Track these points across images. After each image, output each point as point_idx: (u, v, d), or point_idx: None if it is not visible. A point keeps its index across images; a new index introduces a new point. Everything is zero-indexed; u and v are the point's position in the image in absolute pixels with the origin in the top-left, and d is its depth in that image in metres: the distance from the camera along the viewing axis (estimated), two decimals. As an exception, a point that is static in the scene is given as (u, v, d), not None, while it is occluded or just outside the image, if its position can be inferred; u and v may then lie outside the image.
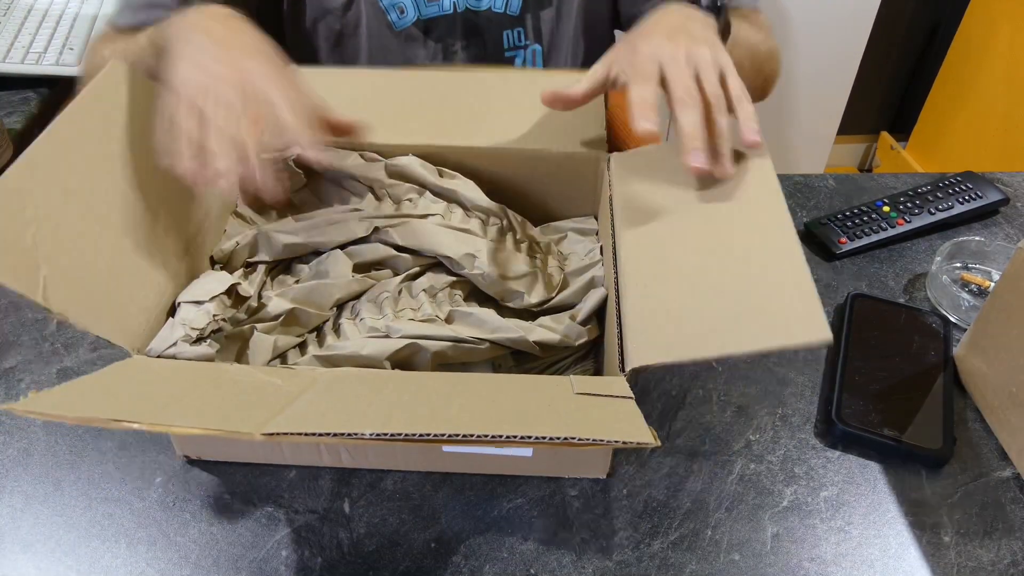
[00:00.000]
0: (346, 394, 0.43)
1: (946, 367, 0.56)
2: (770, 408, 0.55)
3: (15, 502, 0.49)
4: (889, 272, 0.66)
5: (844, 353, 0.57)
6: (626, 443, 0.36)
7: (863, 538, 0.48)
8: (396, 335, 0.50)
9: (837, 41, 1.70)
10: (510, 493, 0.50)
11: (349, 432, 0.36)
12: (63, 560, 0.46)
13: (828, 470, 0.52)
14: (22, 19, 0.97)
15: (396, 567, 0.46)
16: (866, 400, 0.54)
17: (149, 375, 0.44)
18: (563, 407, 0.41)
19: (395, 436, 0.35)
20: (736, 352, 0.41)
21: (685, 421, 0.54)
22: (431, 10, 0.74)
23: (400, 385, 0.44)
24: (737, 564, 0.47)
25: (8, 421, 0.53)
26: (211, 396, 0.42)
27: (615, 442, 0.36)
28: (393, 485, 0.50)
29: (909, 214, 0.70)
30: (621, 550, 0.47)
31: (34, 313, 0.61)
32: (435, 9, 0.74)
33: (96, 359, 0.57)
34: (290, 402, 0.40)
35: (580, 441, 0.35)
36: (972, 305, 0.60)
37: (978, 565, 0.46)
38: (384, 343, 0.49)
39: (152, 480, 0.50)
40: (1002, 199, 0.71)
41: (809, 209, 0.73)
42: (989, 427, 0.54)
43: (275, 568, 0.46)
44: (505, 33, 0.76)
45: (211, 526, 0.48)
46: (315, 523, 0.48)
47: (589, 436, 0.35)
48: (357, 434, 0.35)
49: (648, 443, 0.35)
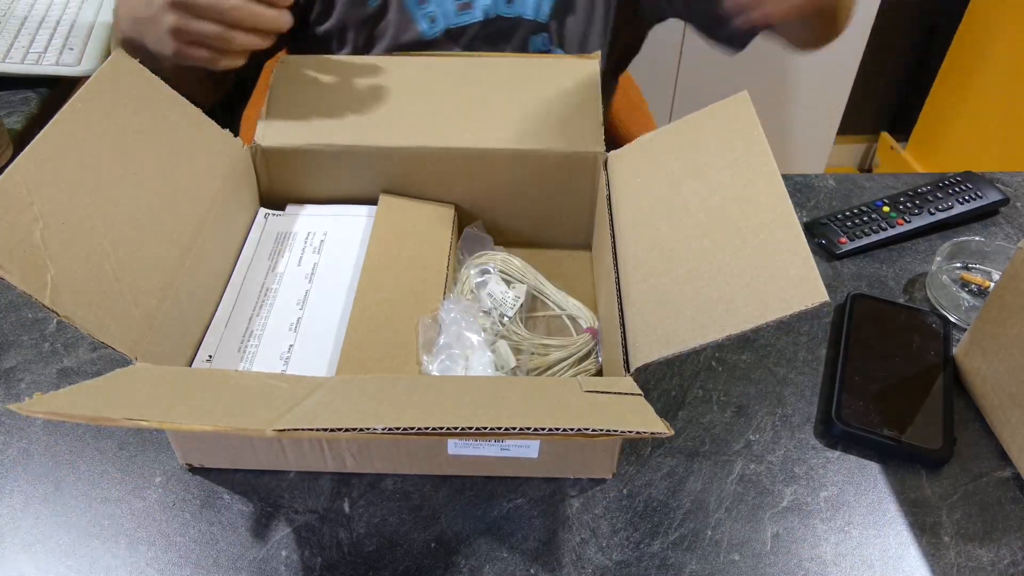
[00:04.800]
0: (354, 394, 0.43)
1: (946, 367, 0.56)
2: (770, 408, 0.55)
3: (15, 502, 0.49)
4: (889, 272, 0.66)
5: (844, 353, 0.57)
6: (639, 433, 0.35)
7: (863, 538, 0.48)
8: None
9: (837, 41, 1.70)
10: (510, 493, 0.50)
11: (361, 427, 0.35)
12: (63, 560, 0.46)
13: (828, 470, 0.52)
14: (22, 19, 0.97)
15: (396, 567, 0.46)
16: (866, 400, 0.54)
17: (153, 380, 0.44)
18: (573, 403, 0.41)
19: (407, 430, 0.35)
20: (736, 332, 0.41)
21: (685, 421, 0.54)
22: (462, 19, 0.74)
23: (409, 386, 0.44)
24: (737, 564, 0.47)
25: (8, 421, 0.53)
26: (217, 398, 0.42)
27: (628, 432, 0.36)
28: (393, 485, 0.50)
29: (909, 214, 0.70)
30: (621, 550, 0.47)
31: (34, 313, 0.61)
32: (466, 17, 0.74)
33: (96, 359, 0.57)
34: (298, 402, 0.40)
35: (593, 432, 0.35)
36: (972, 305, 0.60)
37: (978, 565, 0.46)
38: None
39: (152, 480, 0.50)
40: (1002, 199, 0.71)
41: (809, 209, 0.73)
42: (989, 427, 0.54)
43: (275, 568, 0.46)
44: (531, 39, 0.76)
45: (211, 526, 0.48)
46: (315, 523, 0.48)
47: (602, 427, 0.35)
48: (369, 429, 0.35)
49: (662, 433, 0.35)
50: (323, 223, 0.63)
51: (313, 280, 0.59)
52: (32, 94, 0.89)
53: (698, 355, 0.59)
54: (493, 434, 0.35)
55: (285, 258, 0.61)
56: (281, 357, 0.54)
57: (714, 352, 0.59)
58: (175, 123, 0.56)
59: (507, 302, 0.58)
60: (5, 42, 0.93)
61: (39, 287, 0.41)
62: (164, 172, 0.53)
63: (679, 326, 0.44)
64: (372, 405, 0.41)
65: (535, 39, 0.76)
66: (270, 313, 0.56)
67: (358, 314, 0.54)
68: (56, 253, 0.43)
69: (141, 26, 0.59)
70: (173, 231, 0.52)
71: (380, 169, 0.63)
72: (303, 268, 0.60)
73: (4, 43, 0.93)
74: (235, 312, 0.56)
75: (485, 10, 0.73)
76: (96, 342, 0.43)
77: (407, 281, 0.57)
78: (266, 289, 0.58)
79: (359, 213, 0.64)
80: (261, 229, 0.63)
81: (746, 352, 0.59)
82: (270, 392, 0.42)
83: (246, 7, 0.56)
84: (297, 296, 0.58)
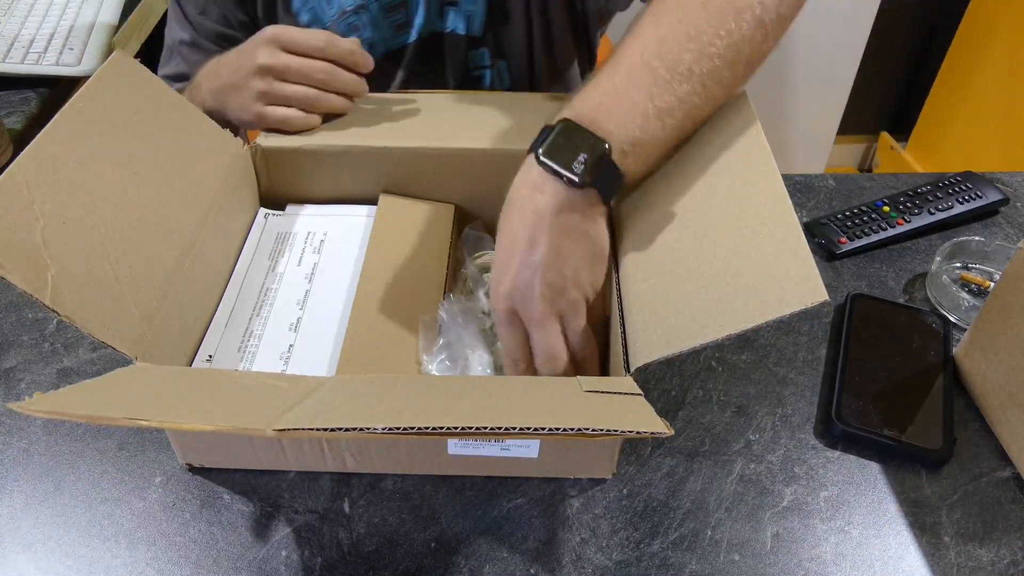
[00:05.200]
0: (354, 394, 0.43)
1: (946, 367, 0.56)
2: (770, 408, 0.55)
3: (15, 502, 0.49)
4: (889, 272, 0.66)
5: (844, 353, 0.57)
6: (640, 433, 0.35)
7: (863, 538, 0.48)
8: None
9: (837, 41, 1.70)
10: (510, 493, 0.50)
11: (361, 427, 0.35)
12: (63, 560, 0.46)
13: (828, 470, 0.52)
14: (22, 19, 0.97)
15: (396, 567, 0.46)
16: (866, 400, 0.54)
17: (153, 380, 0.44)
18: (573, 402, 0.41)
19: (407, 430, 0.35)
20: (736, 332, 0.41)
21: (685, 421, 0.54)
22: (398, 41, 0.74)
23: (409, 386, 0.44)
24: (737, 564, 0.47)
25: (8, 421, 0.53)
26: (217, 398, 0.42)
27: (629, 432, 0.36)
28: (393, 485, 0.50)
29: (909, 214, 0.70)
30: (621, 550, 0.47)
31: (34, 313, 0.61)
32: (404, 38, 0.74)
33: (96, 359, 0.57)
34: (298, 402, 0.40)
35: (593, 432, 0.35)
36: (972, 305, 0.60)
37: (978, 565, 0.46)
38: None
39: (152, 480, 0.50)
40: (1002, 199, 0.71)
41: (809, 209, 0.73)
42: (989, 427, 0.54)
43: (275, 568, 0.46)
44: (470, 54, 0.76)
45: (211, 526, 0.48)
46: (315, 523, 0.48)
47: (602, 427, 0.35)
48: (369, 428, 0.35)
49: (662, 432, 0.35)
50: (323, 223, 0.63)
51: (313, 280, 0.59)
52: (32, 94, 0.90)
53: (698, 355, 0.59)
54: (493, 434, 0.35)
55: (285, 258, 0.61)
56: (281, 357, 0.54)
57: (714, 352, 0.59)
58: (175, 123, 0.56)
59: None
60: (5, 42, 0.93)
61: (40, 286, 0.41)
62: (164, 172, 0.53)
63: (679, 326, 0.44)
64: (372, 405, 0.41)
65: (474, 54, 0.76)
66: (270, 313, 0.56)
67: (358, 314, 0.54)
68: (57, 253, 0.43)
69: (225, 95, 0.62)
70: (173, 231, 0.52)
71: (380, 169, 0.63)
72: (303, 268, 0.60)
73: (4, 43, 0.93)
74: (235, 312, 0.56)
75: (419, 28, 0.73)
76: (96, 342, 0.43)
77: (407, 281, 0.57)
78: (266, 289, 0.58)
79: (359, 213, 0.64)
80: (261, 229, 0.63)
81: (746, 352, 0.59)
82: (270, 392, 0.42)
83: (333, 71, 0.60)
84: (297, 296, 0.58)
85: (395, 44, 0.75)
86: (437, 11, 0.73)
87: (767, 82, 1.72)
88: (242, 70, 0.60)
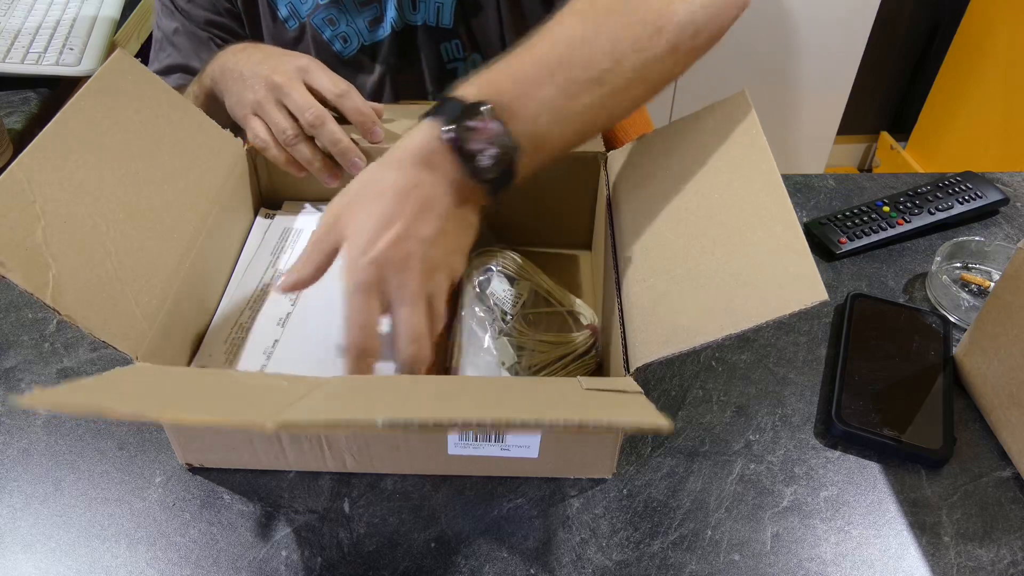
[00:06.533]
0: (354, 393, 0.43)
1: (946, 367, 0.56)
2: (770, 408, 0.55)
3: (15, 502, 0.49)
4: (889, 272, 0.66)
5: (844, 353, 0.57)
6: (640, 427, 0.35)
7: (863, 538, 0.48)
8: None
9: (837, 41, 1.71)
10: (510, 493, 0.50)
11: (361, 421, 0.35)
12: (63, 560, 0.46)
13: (828, 470, 0.52)
14: (22, 19, 0.97)
15: (396, 567, 0.46)
16: (866, 400, 0.54)
17: (154, 379, 0.44)
18: (574, 399, 0.41)
19: (409, 424, 0.35)
20: (736, 332, 0.41)
21: (685, 421, 0.54)
22: (375, 35, 0.75)
23: (409, 385, 0.44)
24: (737, 564, 0.47)
25: (8, 421, 0.53)
26: (218, 395, 0.42)
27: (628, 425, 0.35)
28: (393, 485, 0.50)
29: (909, 214, 0.70)
30: (621, 550, 0.47)
31: (34, 313, 0.61)
32: (379, 33, 0.74)
33: (96, 359, 0.57)
34: (300, 398, 0.40)
35: (594, 427, 0.35)
36: (972, 305, 0.60)
37: (978, 565, 0.46)
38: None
39: (152, 480, 0.50)
40: (1002, 199, 0.71)
41: (809, 209, 0.73)
42: (989, 427, 0.54)
43: (275, 568, 0.46)
44: (443, 46, 0.76)
45: (211, 526, 0.48)
46: (315, 523, 0.48)
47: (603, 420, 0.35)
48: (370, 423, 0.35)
49: (663, 427, 0.35)
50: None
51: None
52: (32, 94, 0.90)
53: (698, 355, 0.59)
54: (494, 427, 0.35)
55: (285, 257, 0.61)
56: (265, 352, 0.53)
57: (714, 352, 0.59)
58: (176, 123, 0.56)
59: (508, 299, 0.58)
60: (5, 42, 0.93)
61: (41, 286, 0.41)
62: (165, 171, 0.53)
63: (679, 326, 0.44)
64: (372, 402, 0.41)
65: (447, 46, 0.76)
66: (270, 312, 0.56)
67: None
68: (58, 252, 0.43)
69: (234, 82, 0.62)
70: (174, 230, 0.52)
71: (380, 169, 0.63)
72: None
73: (4, 43, 0.93)
74: (235, 311, 0.56)
75: (392, 21, 0.73)
76: (97, 341, 0.43)
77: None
78: (266, 287, 0.58)
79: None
80: (261, 228, 0.63)
81: (746, 352, 0.59)
82: (270, 390, 0.42)
83: (323, 119, 0.57)
84: (297, 295, 0.58)
85: (371, 40, 0.75)
86: (410, 4, 0.73)
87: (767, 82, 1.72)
88: (259, 73, 0.60)
